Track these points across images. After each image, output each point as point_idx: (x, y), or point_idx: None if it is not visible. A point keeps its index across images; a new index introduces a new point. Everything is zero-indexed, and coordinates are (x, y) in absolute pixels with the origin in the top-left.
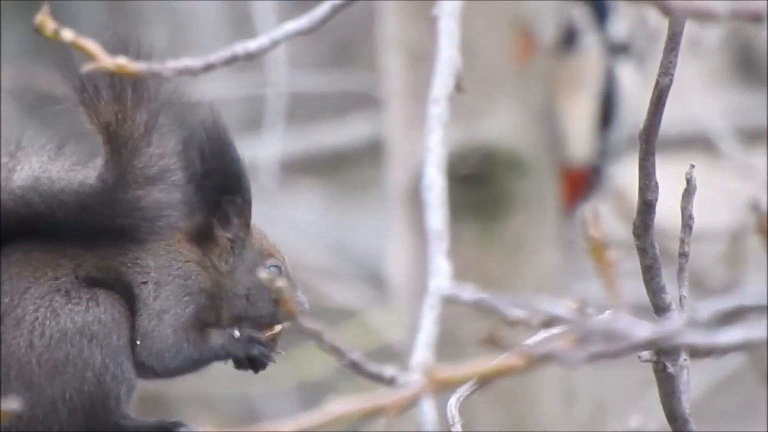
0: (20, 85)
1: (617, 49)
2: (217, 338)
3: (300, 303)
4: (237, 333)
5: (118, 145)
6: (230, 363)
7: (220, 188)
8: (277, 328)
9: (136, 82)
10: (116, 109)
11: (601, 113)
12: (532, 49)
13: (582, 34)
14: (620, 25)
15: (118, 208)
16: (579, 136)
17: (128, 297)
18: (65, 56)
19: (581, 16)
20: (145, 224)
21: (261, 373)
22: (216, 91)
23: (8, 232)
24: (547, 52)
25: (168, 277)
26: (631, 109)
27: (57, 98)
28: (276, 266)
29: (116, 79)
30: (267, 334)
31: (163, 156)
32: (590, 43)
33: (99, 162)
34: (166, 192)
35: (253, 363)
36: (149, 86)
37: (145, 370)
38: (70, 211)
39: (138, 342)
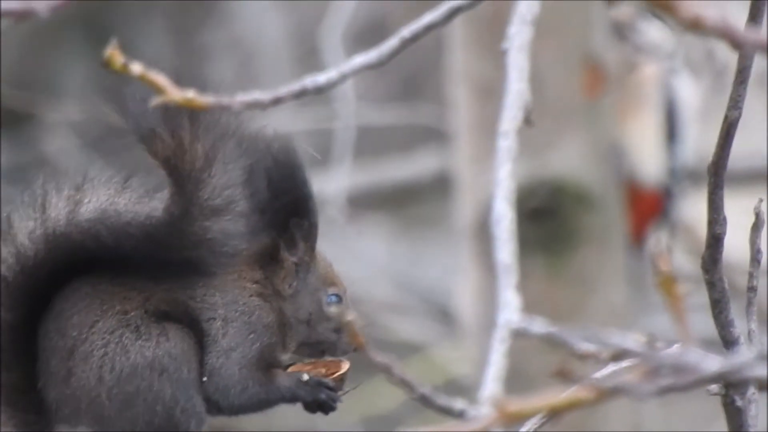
0: (86, 119)
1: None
2: (284, 380)
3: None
4: (306, 376)
5: (181, 178)
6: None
7: (288, 211)
8: (344, 368)
9: (192, 115)
10: (174, 143)
11: (666, 129)
12: (601, 83)
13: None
14: (659, 29)
15: (185, 240)
16: (647, 154)
17: (196, 330)
18: (118, 93)
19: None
20: (212, 256)
21: None
22: (284, 125)
23: (76, 265)
24: (615, 86)
25: (235, 314)
26: (692, 122)
27: (121, 132)
28: (337, 295)
29: (171, 113)
30: (334, 376)
31: (228, 186)
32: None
33: (165, 194)
34: (233, 222)
35: (321, 406)
36: (206, 119)
37: (210, 405)
38: (137, 243)
39: (205, 378)
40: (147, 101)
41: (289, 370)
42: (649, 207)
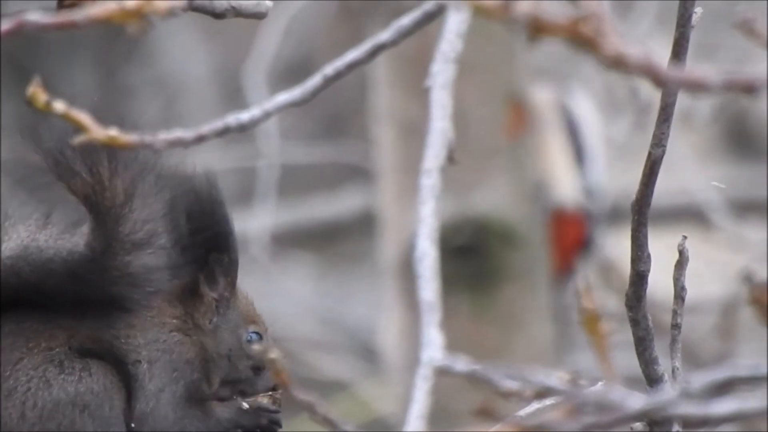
0: (12, 158)
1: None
2: (223, 412)
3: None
4: (245, 405)
5: (101, 213)
6: None
7: (207, 246)
8: (278, 391)
9: (111, 152)
10: (93, 180)
11: (572, 149)
12: (524, 122)
13: None
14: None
15: (107, 275)
16: (559, 177)
17: (121, 369)
18: (36, 131)
19: None
20: (134, 291)
21: None
22: (207, 163)
23: None
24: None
25: (157, 353)
26: (597, 138)
27: (42, 170)
28: (257, 333)
29: (90, 151)
30: (272, 397)
31: (148, 220)
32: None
33: (86, 229)
34: (155, 256)
35: (265, 428)
36: (125, 155)
37: None
38: (60, 280)
39: (135, 425)
40: (65, 139)
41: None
42: (573, 230)
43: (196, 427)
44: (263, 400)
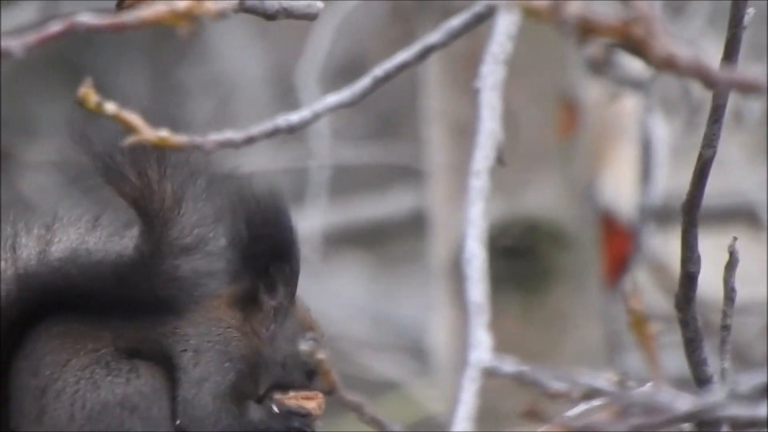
0: (63, 158)
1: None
2: (256, 413)
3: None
4: (275, 408)
5: (150, 217)
6: None
7: (269, 255)
8: (319, 398)
9: (160, 154)
10: (142, 183)
11: (641, 167)
12: (575, 122)
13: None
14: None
15: (155, 279)
16: (623, 190)
17: (168, 367)
18: (85, 133)
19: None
20: (182, 294)
21: None
22: (260, 164)
23: (48, 305)
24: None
25: (208, 344)
26: (665, 163)
27: (91, 173)
28: (314, 341)
29: (139, 153)
30: (308, 406)
31: (198, 225)
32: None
33: (135, 232)
34: (204, 261)
35: None
36: (174, 158)
37: None
38: (108, 282)
39: (179, 409)
40: (114, 142)
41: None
42: (623, 245)
43: (229, 422)
44: (304, 402)
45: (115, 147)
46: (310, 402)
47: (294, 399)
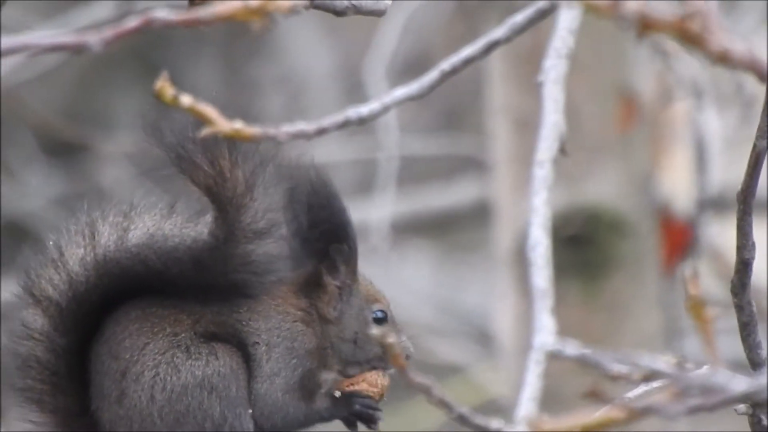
0: (139, 150)
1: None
2: (321, 402)
3: (406, 348)
4: (338, 393)
5: (223, 203)
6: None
7: (327, 237)
8: (384, 382)
9: (231, 144)
10: (214, 171)
11: (695, 163)
12: (634, 116)
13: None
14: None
15: (230, 263)
16: (679, 187)
17: (243, 352)
18: (158, 126)
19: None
20: (256, 278)
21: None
22: (330, 155)
23: (126, 289)
24: (649, 118)
25: (277, 339)
26: (717, 157)
27: (164, 163)
28: (382, 311)
29: (210, 143)
30: (371, 392)
31: (269, 210)
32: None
33: (209, 219)
34: (276, 245)
35: (360, 418)
36: (245, 147)
37: (256, 426)
38: (184, 267)
39: (251, 400)
40: (186, 133)
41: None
42: (680, 237)
43: (297, 414)
44: (366, 387)
45: (187, 138)
46: (373, 387)
47: (357, 384)
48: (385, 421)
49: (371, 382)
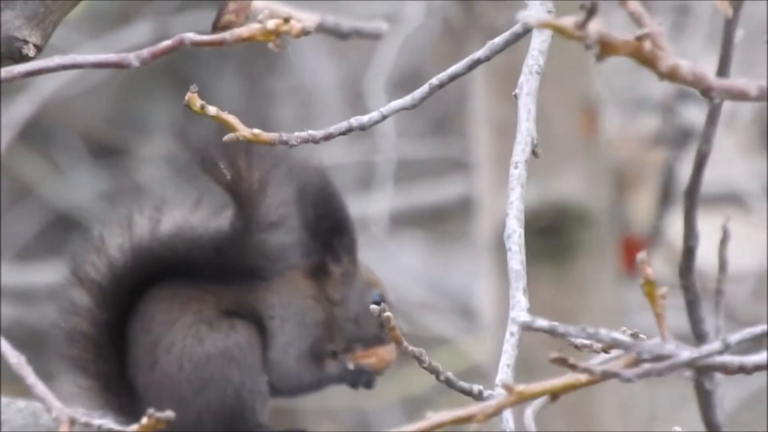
0: (169, 153)
1: (686, 137)
2: (333, 369)
3: (399, 325)
4: (351, 365)
5: (241, 200)
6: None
7: (330, 231)
8: (390, 357)
9: (248, 149)
10: (234, 173)
11: (662, 200)
12: (595, 126)
13: (694, 132)
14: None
15: (247, 250)
16: (641, 216)
17: (259, 326)
18: (186, 132)
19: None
20: (269, 264)
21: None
22: (335, 157)
23: (158, 273)
24: (608, 129)
25: (289, 313)
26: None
27: (191, 164)
28: (379, 294)
29: (230, 148)
30: (381, 364)
31: (281, 205)
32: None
33: (229, 213)
34: (286, 235)
35: (365, 384)
36: (259, 151)
37: (273, 391)
38: (208, 254)
39: (267, 370)
40: (210, 139)
41: (345, 356)
42: (638, 249)
43: (310, 378)
44: (372, 359)
45: (210, 143)
46: (380, 360)
47: (365, 357)
48: (382, 385)
49: (380, 356)
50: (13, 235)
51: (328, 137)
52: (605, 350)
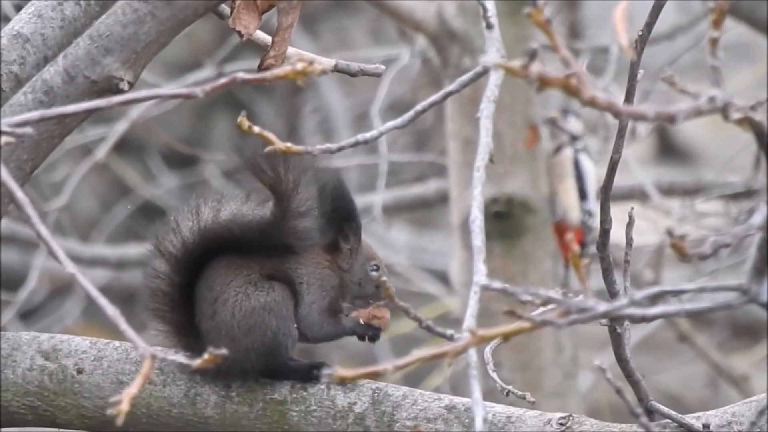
0: (227, 161)
1: (575, 139)
2: (348, 322)
3: (391, 287)
4: (361, 321)
5: (279, 195)
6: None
7: (342, 217)
8: (388, 315)
9: (285, 158)
10: (273, 176)
11: (578, 190)
12: (536, 139)
13: (576, 139)
14: (575, 123)
15: (283, 233)
16: (571, 206)
17: (292, 288)
18: (240, 145)
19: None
20: (299, 242)
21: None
22: (346, 163)
23: (218, 248)
24: (546, 146)
25: (313, 279)
26: (594, 184)
27: (243, 169)
28: (376, 264)
29: (272, 157)
30: (381, 320)
31: (308, 199)
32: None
33: (270, 205)
34: (311, 221)
35: (370, 338)
36: (294, 159)
37: (301, 337)
38: (254, 235)
39: (297, 319)
40: (257, 151)
41: (354, 314)
42: (575, 237)
43: (329, 328)
44: (376, 314)
45: (258, 153)
46: (380, 318)
47: (371, 314)
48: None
49: (380, 315)
50: (114, 220)
51: (340, 149)
52: (543, 305)
